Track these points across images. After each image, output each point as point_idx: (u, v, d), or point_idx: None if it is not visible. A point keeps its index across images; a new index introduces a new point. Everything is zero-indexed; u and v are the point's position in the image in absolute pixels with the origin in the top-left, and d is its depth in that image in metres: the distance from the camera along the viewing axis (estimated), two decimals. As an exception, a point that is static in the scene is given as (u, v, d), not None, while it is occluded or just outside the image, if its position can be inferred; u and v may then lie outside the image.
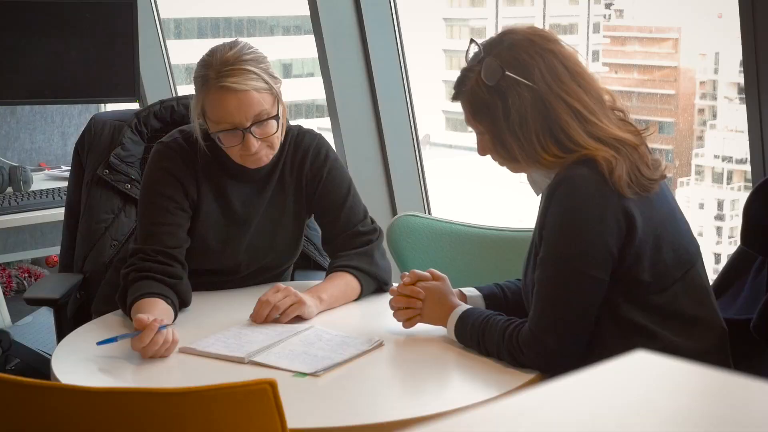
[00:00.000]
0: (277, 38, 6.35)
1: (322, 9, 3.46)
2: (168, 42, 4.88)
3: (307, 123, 4.48)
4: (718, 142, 3.94)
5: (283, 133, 2.31)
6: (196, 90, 2.25)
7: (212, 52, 2.22)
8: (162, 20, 4.82)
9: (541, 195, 1.96)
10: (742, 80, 2.69)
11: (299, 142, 2.40)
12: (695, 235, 1.98)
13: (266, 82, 2.21)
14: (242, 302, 2.25)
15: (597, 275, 1.83)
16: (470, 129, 1.99)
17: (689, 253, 1.91)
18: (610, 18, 4.85)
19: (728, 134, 3.83)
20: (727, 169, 3.84)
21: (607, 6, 4.79)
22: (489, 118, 1.90)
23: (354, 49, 3.52)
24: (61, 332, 2.49)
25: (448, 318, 2.01)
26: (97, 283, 2.56)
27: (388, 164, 3.57)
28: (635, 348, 1.83)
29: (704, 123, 4.12)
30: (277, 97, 2.24)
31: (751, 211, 1.94)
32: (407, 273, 2.10)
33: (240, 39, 2.25)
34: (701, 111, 4.13)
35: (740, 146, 3.66)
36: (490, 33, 5.15)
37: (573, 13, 5.07)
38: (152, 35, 4.61)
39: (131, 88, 3.75)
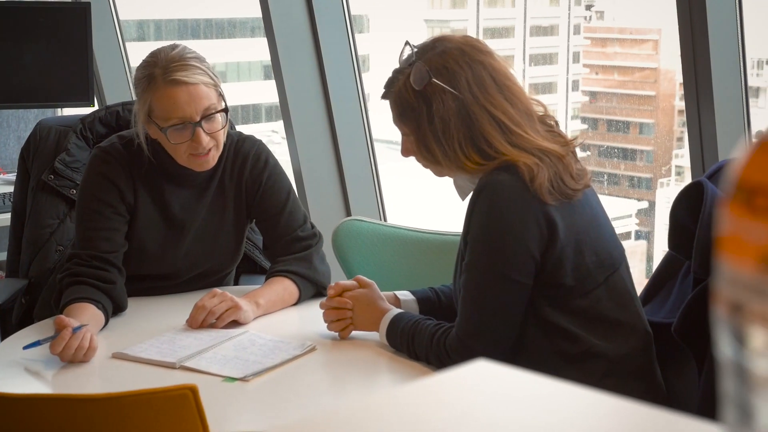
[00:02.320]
0: (258, 40, 6.36)
1: (274, 11, 3.47)
2: (136, 44, 4.88)
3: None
4: (699, 143, 3.97)
5: (225, 133, 2.33)
6: (139, 92, 2.26)
7: (154, 54, 2.26)
8: (124, 22, 4.82)
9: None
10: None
11: (239, 147, 2.42)
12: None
13: (212, 78, 2.24)
14: (179, 308, 2.26)
15: (520, 279, 1.86)
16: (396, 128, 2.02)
17: (612, 258, 1.93)
18: (590, 19, 4.87)
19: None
20: (707, 170, 3.87)
21: (588, 8, 4.80)
22: (413, 121, 1.93)
23: (306, 52, 3.53)
24: (5, 338, 2.50)
25: (380, 323, 2.03)
26: (43, 289, 2.57)
27: (342, 167, 3.59)
28: (559, 350, 1.87)
29: (684, 124, 4.15)
30: (221, 95, 2.26)
31: (677, 215, 1.96)
32: (332, 285, 2.12)
33: (179, 42, 2.29)
34: (681, 112, 4.16)
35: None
36: (471, 35, 5.18)
37: (553, 15, 5.09)
38: (111, 38, 4.61)
39: (86, 93, 3.75)
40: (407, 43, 1.98)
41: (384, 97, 2.00)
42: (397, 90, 1.95)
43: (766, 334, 0.40)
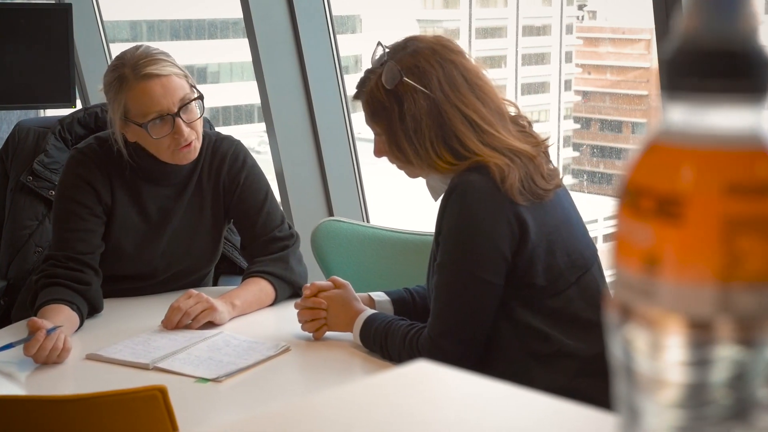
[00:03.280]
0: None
1: (255, 12, 3.47)
2: (128, 45, 4.88)
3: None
4: (690, 143, 3.97)
5: (203, 123, 2.34)
6: (112, 95, 2.27)
7: (120, 57, 2.28)
8: (116, 23, 4.82)
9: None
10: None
11: (217, 148, 2.42)
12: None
13: (181, 69, 2.27)
14: (155, 308, 2.26)
15: (491, 280, 1.86)
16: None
17: (584, 258, 1.94)
18: (583, 19, 4.87)
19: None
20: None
21: (580, 7, 4.81)
22: (385, 120, 1.94)
23: (288, 52, 3.54)
24: (-17, 339, 2.50)
25: (354, 323, 2.04)
26: (21, 290, 2.57)
27: (324, 167, 3.59)
28: (531, 350, 1.87)
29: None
30: (193, 85, 2.28)
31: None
32: (308, 285, 2.13)
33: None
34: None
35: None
36: (464, 34, 5.16)
37: (546, 14, 5.09)
38: (95, 39, 4.61)
39: (68, 94, 3.75)
40: (379, 43, 1.99)
41: (356, 97, 2.01)
42: (369, 90, 1.96)
43: (649, 335, 0.41)
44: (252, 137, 5.59)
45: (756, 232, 0.39)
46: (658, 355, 0.41)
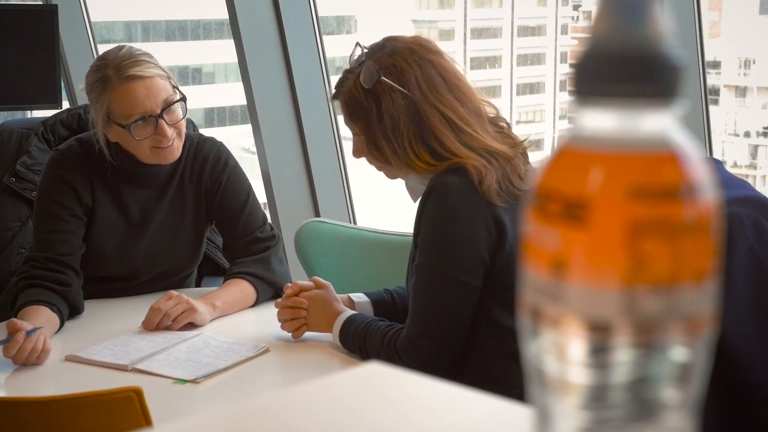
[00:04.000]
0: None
1: (240, 13, 3.48)
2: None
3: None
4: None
5: (185, 123, 2.35)
6: (94, 96, 2.27)
7: (102, 58, 2.28)
8: (111, 23, 4.82)
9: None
10: (711, 81, 2.72)
11: (199, 149, 2.42)
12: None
13: (164, 71, 2.27)
14: (135, 310, 2.26)
15: (469, 281, 1.87)
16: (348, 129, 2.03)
17: (562, 258, 1.94)
18: (578, 20, 4.89)
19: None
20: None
21: (575, 8, 4.83)
22: (364, 120, 1.94)
23: (274, 53, 3.54)
24: (-34, 340, 2.49)
25: (333, 324, 2.04)
26: (3, 292, 2.57)
27: (311, 168, 3.59)
28: (509, 351, 1.87)
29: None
30: (176, 87, 2.28)
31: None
32: (290, 285, 2.13)
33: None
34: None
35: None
36: (459, 35, 5.14)
37: (541, 15, 5.11)
38: (83, 40, 4.61)
39: (53, 95, 3.75)
40: (357, 43, 1.99)
41: (335, 97, 2.02)
42: (348, 90, 1.97)
43: (556, 337, 0.41)
44: (246, 138, 5.59)
45: (660, 236, 0.40)
46: (566, 357, 0.41)
